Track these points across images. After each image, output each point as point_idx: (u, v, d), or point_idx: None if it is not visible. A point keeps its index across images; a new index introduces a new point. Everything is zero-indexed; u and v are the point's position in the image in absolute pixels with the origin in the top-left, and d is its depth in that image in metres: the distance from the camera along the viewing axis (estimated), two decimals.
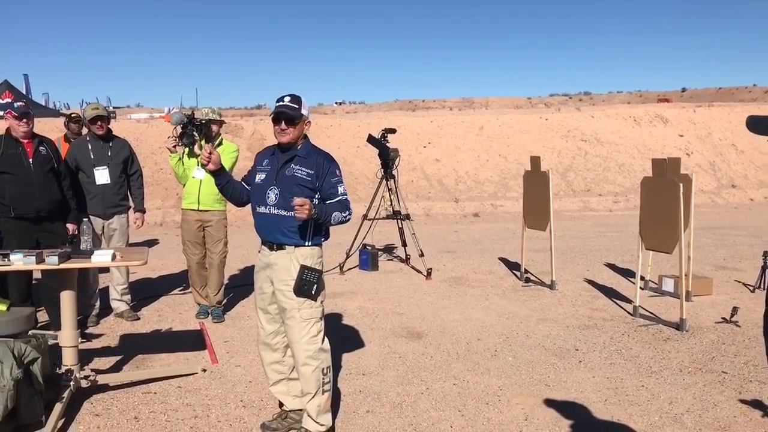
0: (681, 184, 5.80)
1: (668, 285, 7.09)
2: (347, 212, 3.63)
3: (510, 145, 19.04)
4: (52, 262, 3.96)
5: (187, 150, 5.89)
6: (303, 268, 3.57)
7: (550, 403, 4.26)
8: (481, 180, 17.36)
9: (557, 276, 7.56)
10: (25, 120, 5.23)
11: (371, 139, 8.49)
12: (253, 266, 3.89)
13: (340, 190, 3.66)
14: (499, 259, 9.40)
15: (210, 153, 3.64)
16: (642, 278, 6.76)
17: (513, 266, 8.69)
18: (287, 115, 3.60)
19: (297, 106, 3.62)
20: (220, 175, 3.76)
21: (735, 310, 6.07)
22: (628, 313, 6.38)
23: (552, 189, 7.37)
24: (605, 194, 17.20)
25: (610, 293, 7.23)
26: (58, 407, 3.88)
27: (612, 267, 8.78)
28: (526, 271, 7.96)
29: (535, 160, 7.76)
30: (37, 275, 5.71)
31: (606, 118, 21.38)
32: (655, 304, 6.72)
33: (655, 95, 64.77)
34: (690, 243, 6.86)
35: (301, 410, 3.79)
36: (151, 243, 10.89)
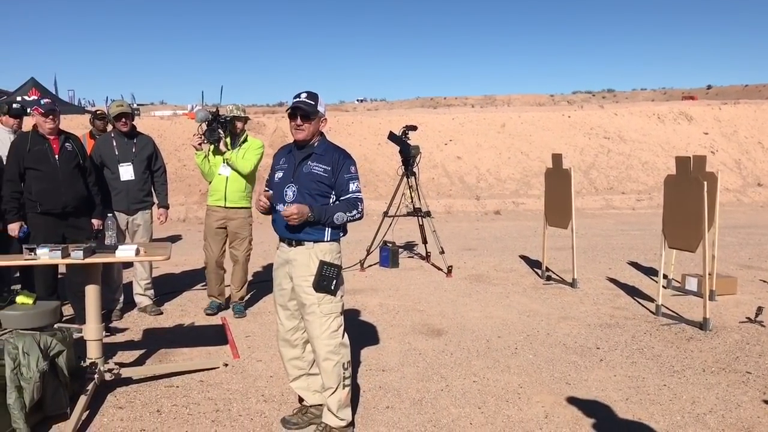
0: (705, 182, 5.73)
1: (692, 284, 7.02)
2: (354, 212, 3.61)
3: (532, 143, 18.93)
4: (77, 256, 4.03)
5: (212, 147, 5.93)
6: (322, 263, 3.59)
7: (570, 401, 4.24)
8: (502, 177, 17.29)
9: (579, 274, 7.51)
10: (51, 117, 5.31)
11: (392, 137, 8.49)
12: (273, 263, 3.92)
13: (352, 187, 3.64)
14: (520, 256, 9.36)
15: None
16: (665, 277, 6.70)
17: (534, 264, 8.65)
18: (303, 111, 3.61)
19: (313, 103, 3.63)
20: None
21: (760, 309, 6.00)
22: (651, 312, 6.33)
23: (574, 187, 7.33)
24: (628, 192, 17.04)
25: (633, 292, 7.17)
26: (82, 399, 3.94)
27: (634, 265, 8.70)
28: (548, 269, 7.93)
29: (557, 158, 7.72)
30: (62, 269, 5.79)
31: (629, 116, 21.17)
32: (678, 303, 6.66)
33: (679, 93, 63.91)
34: (714, 242, 6.79)
35: (320, 405, 3.82)
36: (174, 239, 11.00)
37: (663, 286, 6.43)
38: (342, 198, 3.63)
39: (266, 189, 3.82)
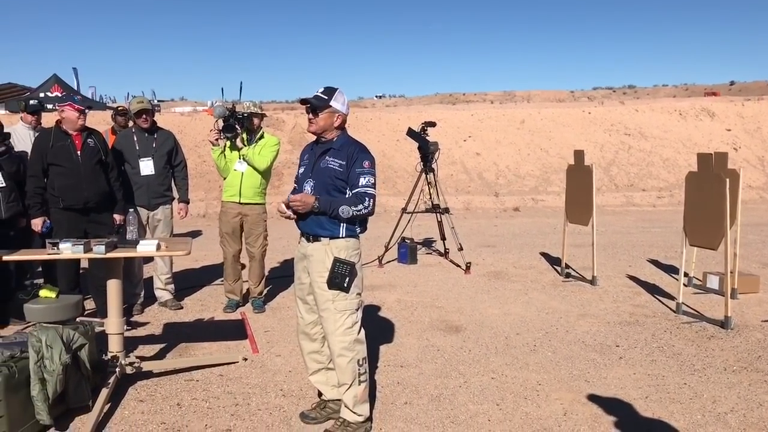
0: (727, 179, 5.67)
1: (713, 282, 6.95)
2: (360, 206, 3.57)
3: (552, 139, 18.83)
4: (99, 251, 4.07)
5: (229, 143, 5.97)
6: (335, 260, 3.59)
7: (589, 398, 4.22)
8: (522, 174, 17.21)
9: (599, 271, 7.47)
10: (84, 114, 5.41)
11: (411, 133, 8.48)
12: (293, 258, 3.94)
13: (362, 181, 3.61)
14: (539, 253, 9.32)
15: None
16: (686, 275, 6.64)
17: (553, 261, 8.61)
18: (310, 103, 3.64)
19: (325, 97, 3.64)
20: None
21: None
22: (671, 310, 6.27)
23: (594, 184, 7.28)
24: (649, 189, 16.90)
25: (653, 290, 7.11)
26: (104, 392, 3.99)
27: (655, 263, 8.63)
28: (567, 266, 7.89)
29: (579, 154, 7.67)
30: (84, 264, 5.86)
31: (651, 112, 20.98)
32: (699, 301, 6.59)
33: (701, 89, 63.15)
34: (736, 239, 6.71)
35: (339, 400, 3.82)
36: (194, 234, 11.07)
37: (684, 284, 6.37)
38: (353, 192, 3.63)
39: (295, 187, 3.86)
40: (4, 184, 5.55)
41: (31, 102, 6.74)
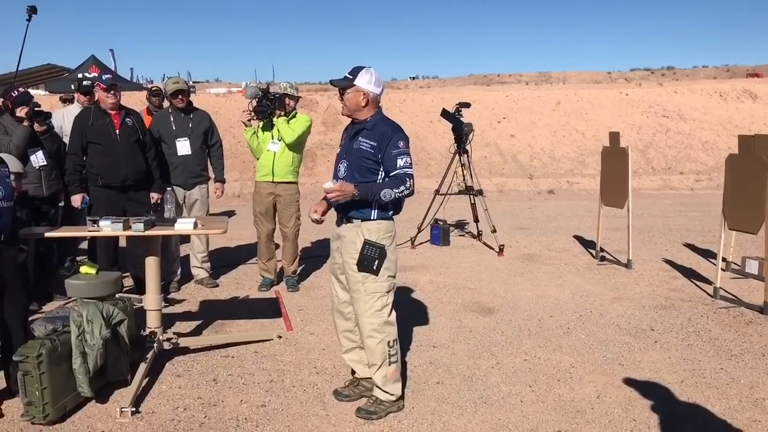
0: None
1: (752, 267, 6.81)
2: (402, 187, 3.54)
3: (588, 121, 18.56)
4: (137, 228, 4.15)
5: (261, 124, 6.00)
6: (365, 243, 3.60)
7: (623, 382, 4.19)
8: (557, 156, 17.02)
9: (634, 255, 7.37)
10: (112, 92, 5.46)
11: (445, 114, 8.43)
12: (326, 238, 3.97)
13: (400, 162, 3.57)
14: (573, 236, 9.23)
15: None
16: (724, 259, 6.52)
17: (588, 244, 8.52)
18: (336, 84, 3.67)
19: (350, 76, 3.63)
20: None
21: None
22: (708, 294, 6.18)
23: (631, 166, 7.17)
24: (687, 172, 16.58)
25: (690, 274, 7.01)
26: (142, 367, 4.08)
27: (692, 247, 8.49)
28: (602, 250, 7.80)
29: (614, 136, 7.55)
30: (122, 242, 5.97)
31: (690, 94, 20.53)
32: (737, 286, 6.48)
33: (744, 70, 61.49)
34: None
35: (372, 378, 3.86)
36: (229, 214, 11.19)
37: (722, 269, 6.26)
38: (391, 174, 3.59)
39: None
40: (45, 163, 5.67)
41: (84, 82, 6.88)
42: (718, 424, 3.68)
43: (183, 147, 6.12)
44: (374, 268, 3.60)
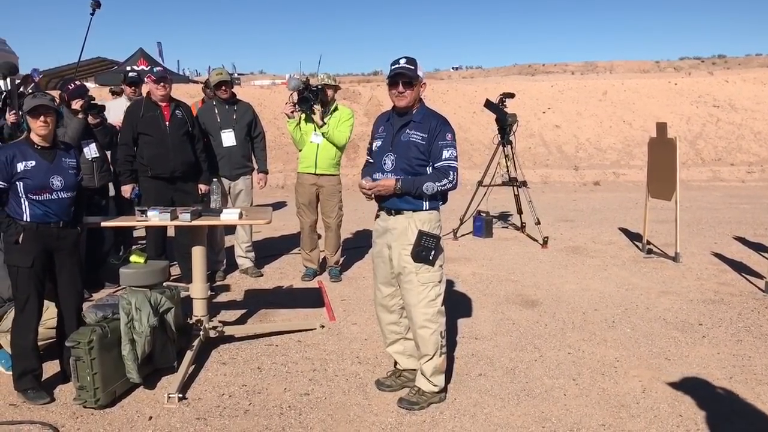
0: None
1: None
2: (444, 180, 3.55)
3: (635, 111, 18.18)
4: (185, 218, 4.24)
5: (304, 115, 6.05)
6: (421, 233, 3.58)
7: (669, 377, 4.13)
8: (603, 147, 16.73)
9: (682, 248, 7.21)
10: (162, 84, 5.56)
11: (489, 104, 8.36)
12: (368, 229, 3.98)
13: (445, 154, 3.58)
14: (619, 229, 9.08)
15: None
16: None
17: (634, 237, 8.37)
18: (405, 76, 3.58)
19: (413, 68, 3.60)
20: None
21: None
22: (760, 289, 6.01)
23: (679, 157, 7.01)
24: (738, 164, 16.12)
25: (740, 268, 6.83)
26: (188, 354, 4.17)
27: (742, 241, 8.26)
28: (649, 242, 7.66)
29: (662, 127, 7.39)
30: (170, 232, 6.09)
31: (742, 83, 19.93)
32: None
33: None
34: None
35: (414, 369, 3.87)
36: (274, 206, 11.30)
37: None
38: (435, 165, 3.59)
39: (368, 160, 3.86)
40: (97, 155, 5.82)
41: (130, 74, 7.02)
42: None
43: (228, 138, 6.21)
44: (430, 258, 3.60)
